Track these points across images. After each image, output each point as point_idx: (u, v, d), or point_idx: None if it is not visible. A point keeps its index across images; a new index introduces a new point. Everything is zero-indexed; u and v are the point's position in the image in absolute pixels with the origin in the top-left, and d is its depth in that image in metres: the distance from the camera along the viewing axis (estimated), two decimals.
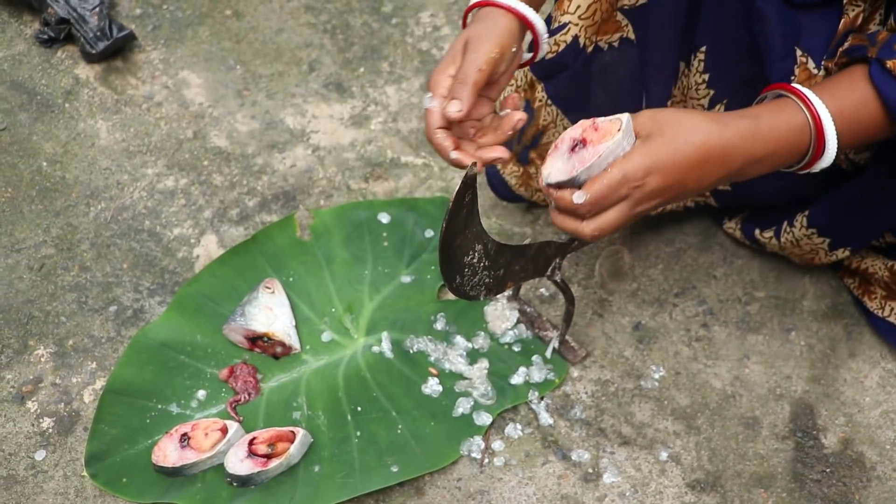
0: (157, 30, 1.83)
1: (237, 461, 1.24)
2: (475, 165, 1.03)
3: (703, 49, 1.23)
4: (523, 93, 1.36)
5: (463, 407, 1.32)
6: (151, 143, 1.66)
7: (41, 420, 1.32)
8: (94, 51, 1.74)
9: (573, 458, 1.29)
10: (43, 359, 1.39)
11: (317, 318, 1.42)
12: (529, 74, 1.35)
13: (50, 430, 1.31)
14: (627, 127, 1.01)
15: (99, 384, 1.36)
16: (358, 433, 1.30)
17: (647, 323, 1.43)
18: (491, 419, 1.32)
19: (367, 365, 1.37)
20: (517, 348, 1.39)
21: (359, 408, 1.32)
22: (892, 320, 1.37)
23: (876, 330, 1.40)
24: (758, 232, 1.43)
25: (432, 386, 1.34)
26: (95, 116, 1.69)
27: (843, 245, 1.36)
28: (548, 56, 1.27)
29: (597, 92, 1.31)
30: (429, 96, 1.10)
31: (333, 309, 1.43)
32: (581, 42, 1.23)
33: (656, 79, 1.28)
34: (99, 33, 1.74)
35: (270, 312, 1.37)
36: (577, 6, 1.20)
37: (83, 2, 1.76)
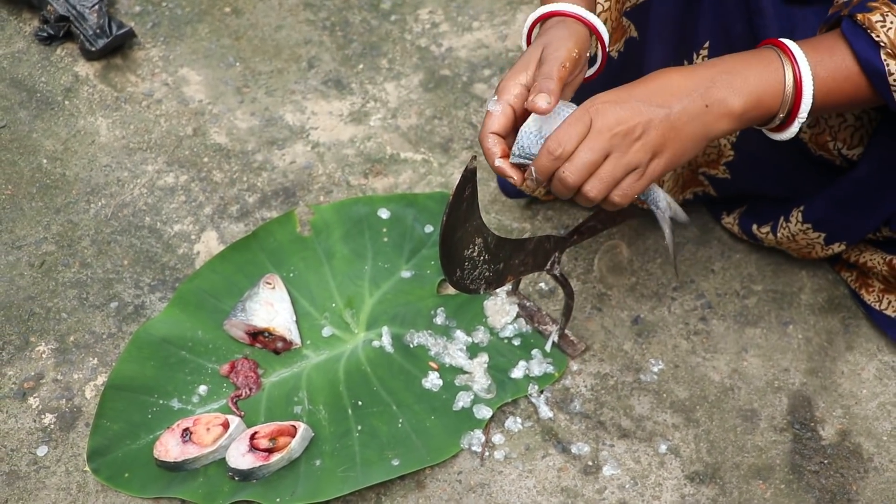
0: (157, 27, 1.84)
1: (239, 455, 1.25)
2: (475, 159, 1.03)
3: (707, 45, 1.23)
4: None
5: (463, 401, 1.33)
6: (151, 140, 1.66)
7: (43, 416, 1.33)
8: (94, 48, 1.74)
9: (573, 451, 1.30)
10: (44, 355, 1.39)
11: (317, 314, 1.43)
12: None
13: (52, 426, 1.32)
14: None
15: (100, 380, 1.36)
16: (359, 427, 1.30)
17: (646, 317, 1.43)
18: (491, 413, 1.32)
19: (368, 359, 1.37)
20: (517, 342, 1.40)
21: (359, 402, 1.33)
22: (890, 313, 1.38)
23: (874, 323, 1.41)
24: (755, 227, 1.44)
25: (432, 380, 1.35)
26: (95, 114, 1.70)
27: (839, 240, 1.36)
28: None
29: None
30: (493, 99, 1.07)
31: (334, 304, 1.43)
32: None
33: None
34: (98, 31, 1.74)
35: (271, 308, 1.38)
36: None
37: None
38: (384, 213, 1.53)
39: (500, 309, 1.41)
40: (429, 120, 1.70)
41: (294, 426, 1.27)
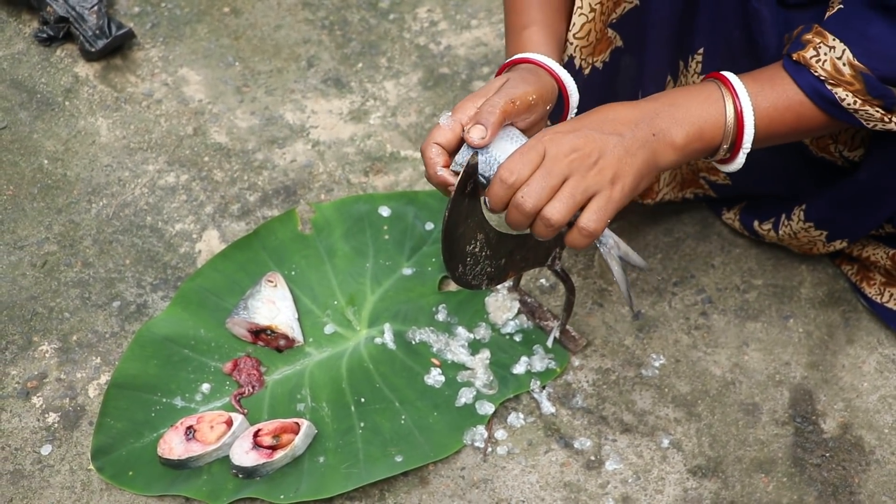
0: (156, 27, 1.84)
1: (242, 453, 1.25)
2: (476, 154, 1.04)
3: (701, 51, 1.24)
4: None
5: (465, 397, 1.33)
6: (152, 140, 1.67)
7: (46, 415, 1.33)
8: (94, 49, 1.74)
9: (575, 446, 1.31)
10: (47, 355, 1.39)
11: (319, 311, 1.43)
12: None
13: (55, 425, 1.32)
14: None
15: (103, 379, 1.37)
16: (362, 424, 1.31)
17: (647, 312, 1.44)
18: (493, 409, 1.33)
19: (370, 356, 1.38)
20: (518, 338, 1.40)
21: (362, 399, 1.33)
22: (892, 306, 1.39)
23: (876, 316, 1.42)
24: (756, 223, 1.45)
25: (435, 376, 1.35)
26: (96, 114, 1.70)
27: (841, 237, 1.37)
28: None
29: (591, 107, 1.32)
30: (447, 115, 1.08)
31: (336, 301, 1.44)
32: (577, 63, 1.24)
33: (651, 80, 1.29)
34: (98, 31, 1.75)
35: (273, 306, 1.38)
36: (573, 23, 1.21)
37: (82, 0, 1.76)
38: (385, 211, 1.54)
39: (502, 305, 1.41)
40: (428, 118, 1.70)
41: (297, 423, 1.28)
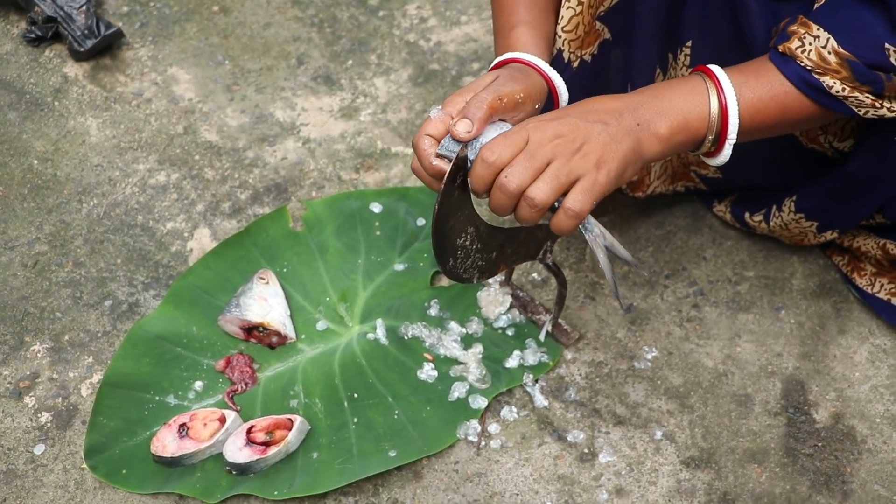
0: (145, 27, 1.84)
1: (236, 450, 1.25)
2: (465, 147, 1.04)
3: (689, 44, 1.24)
4: None
5: (458, 391, 1.33)
6: (142, 139, 1.66)
7: (39, 415, 1.33)
8: (82, 49, 1.74)
9: (569, 439, 1.31)
10: (39, 354, 1.39)
11: (311, 308, 1.43)
12: None
13: (48, 425, 1.32)
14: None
15: (96, 378, 1.37)
16: (355, 419, 1.31)
17: (639, 305, 1.44)
18: (486, 403, 1.33)
19: (363, 352, 1.38)
20: (511, 332, 1.40)
21: (355, 394, 1.33)
22: (883, 296, 1.39)
23: (867, 306, 1.42)
24: (747, 215, 1.45)
25: (427, 371, 1.35)
26: (85, 114, 1.70)
27: (832, 228, 1.37)
28: None
29: (581, 100, 1.33)
30: (438, 108, 1.08)
31: (328, 298, 1.44)
32: (565, 56, 1.24)
33: (640, 72, 1.29)
34: (86, 31, 1.75)
35: (265, 303, 1.38)
36: (561, 17, 1.21)
37: (70, 0, 1.76)
38: (376, 207, 1.54)
39: (494, 299, 1.41)
40: (419, 114, 1.70)
41: (290, 419, 1.28)
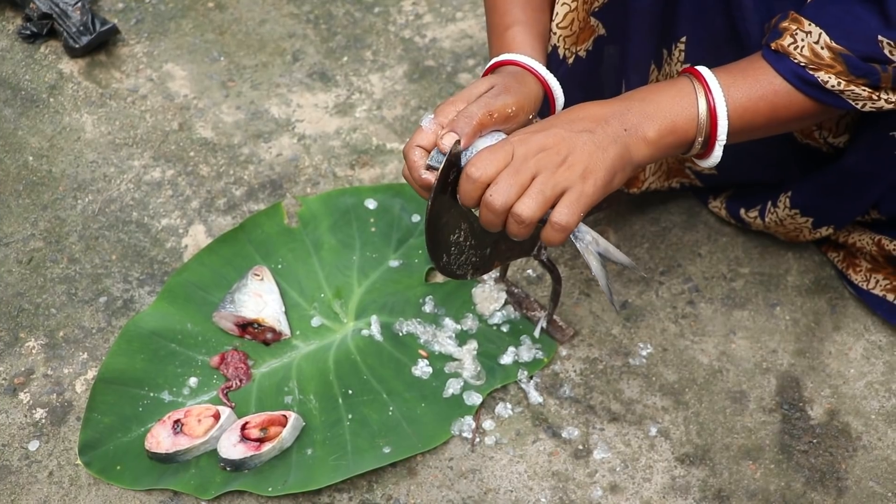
0: (140, 23, 1.84)
1: (230, 446, 1.25)
2: (459, 143, 1.04)
3: (683, 39, 1.24)
4: None
5: (453, 388, 1.33)
6: (137, 136, 1.66)
7: (34, 411, 1.33)
8: (78, 45, 1.74)
9: (563, 436, 1.31)
10: (34, 350, 1.39)
11: (306, 304, 1.43)
12: None
13: (43, 421, 1.32)
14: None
15: (90, 374, 1.36)
16: (349, 416, 1.31)
17: (634, 301, 1.44)
18: (481, 399, 1.33)
19: (358, 348, 1.38)
20: (505, 329, 1.40)
21: (350, 391, 1.33)
22: (878, 292, 1.39)
23: (862, 303, 1.42)
24: (743, 211, 1.45)
25: (422, 368, 1.35)
26: (80, 110, 1.70)
27: (827, 224, 1.37)
28: None
29: (580, 97, 1.32)
30: (429, 117, 1.08)
31: (322, 294, 1.44)
32: (561, 52, 1.24)
33: (635, 68, 1.29)
34: (82, 28, 1.74)
35: (260, 299, 1.38)
36: (556, 13, 1.21)
37: None
38: (371, 204, 1.53)
39: (489, 296, 1.41)
40: (414, 110, 1.70)
41: (285, 416, 1.28)
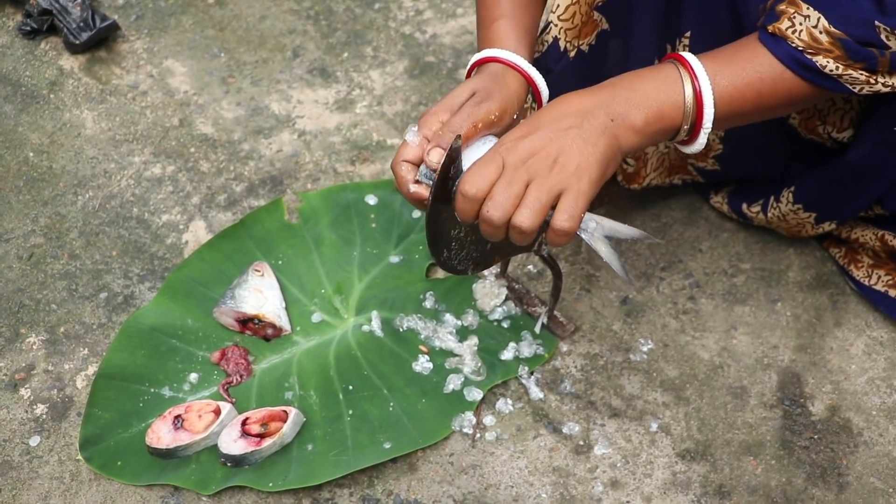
0: (140, 19, 1.84)
1: (230, 441, 1.25)
2: (459, 138, 1.03)
3: (688, 34, 1.24)
4: None
5: (454, 383, 1.33)
6: (137, 132, 1.66)
7: (34, 406, 1.33)
8: (78, 41, 1.74)
9: (564, 431, 1.31)
10: (35, 346, 1.39)
11: (307, 300, 1.43)
12: None
13: (44, 416, 1.32)
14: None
15: (91, 370, 1.36)
16: (350, 411, 1.31)
17: (635, 297, 1.44)
18: (481, 395, 1.33)
19: (358, 344, 1.37)
20: (506, 324, 1.40)
21: (350, 386, 1.33)
22: (880, 288, 1.39)
23: (864, 298, 1.42)
24: (745, 206, 1.45)
25: (423, 363, 1.35)
26: (81, 106, 1.69)
27: (830, 219, 1.37)
28: (534, 56, 1.28)
29: (577, 90, 1.32)
30: (413, 130, 1.09)
31: (323, 290, 1.44)
32: (562, 45, 1.24)
33: (638, 63, 1.28)
34: (82, 24, 1.74)
35: (260, 295, 1.38)
36: (557, 5, 1.21)
37: None
38: (372, 200, 1.53)
39: (489, 292, 1.41)
40: (414, 106, 1.70)
41: (285, 411, 1.28)
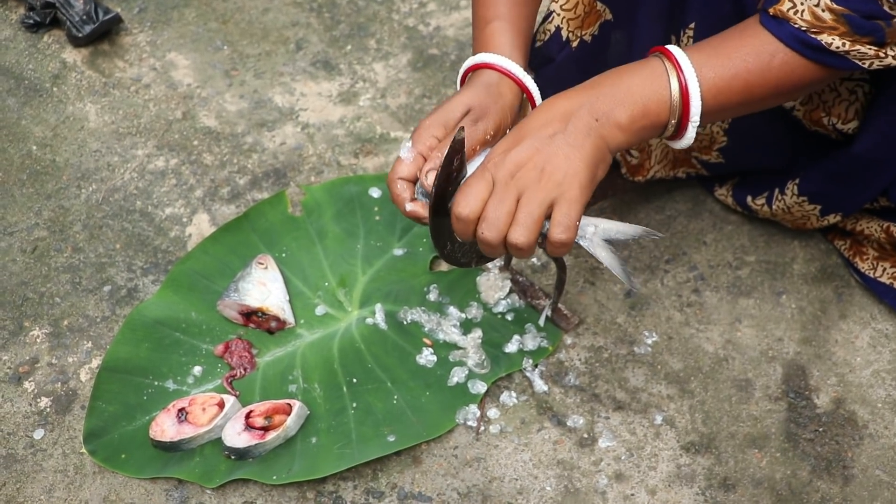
0: (143, 12, 1.83)
1: (234, 434, 1.25)
2: (462, 130, 1.03)
3: (692, 26, 1.23)
4: None
5: (458, 376, 1.33)
6: (141, 125, 1.66)
7: (38, 399, 1.33)
8: (81, 34, 1.74)
9: (568, 424, 1.30)
10: (38, 339, 1.39)
11: (310, 293, 1.42)
12: None
13: (48, 410, 1.32)
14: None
15: (95, 363, 1.36)
16: (354, 404, 1.30)
17: (639, 289, 1.43)
18: (486, 387, 1.32)
19: (362, 337, 1.37)
20: (510, 317, 1.40)
21: (354, 379, 1.33)
22: (885, 280, 1.39)
23: (869, 291, 1.41)
24: (749, 198, 1.44)
25: (427, 356, 1.35)
26: (84, 99, 1.69)
27: (835, 211, 1.37)
28: (536, 45, 1.28)
29: (579, 80, 1.32)
30: (408, 146, 1.09)
31: (327, 283, 1.43)
32: (564, 35, 1.23)
33: (642, 54, 1.28)
34: (85, 17, 1.74)
35: (264, 288, 1.38)
36: None
37: None
38: (375, 192, 1.53)
39: (493, 284, 1.41)
40: (418, 99, 1.70)
41: (289, 404, 1.27)
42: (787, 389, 1.34)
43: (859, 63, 1.06)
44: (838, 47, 1.04)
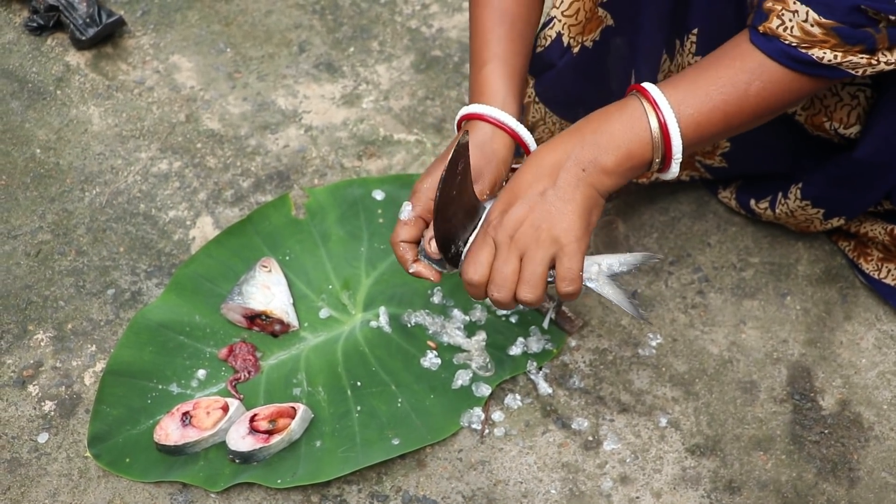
0: (147, 15, 1.83)
1: (239, 438, 1.25)
2: (467, 133, 1.03)
3: (695, 31, 1.23)
4: None
5: (462, 379, 1.33)
6: (144, 128, 1.66)
7: (43, 403, 1.33)
8: (84, 37, 1.73)
9: (573, 427, 1.30)
10: (43, 343, 1.39)
11: (314, 296, 1.42)
12: None
13: (52, 413, 1.32)
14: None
15: (99, 366, 1.36)
16: (358, 407, 1.30)
17: (644, 291, 1.43)
18: (490, 390, 1.32)
19: (366, 340, 1.37)
20: (514, 320, 1.40)
21: (358, 382, 1.33)
22: (890, 282, 1.38)
23: (874, 292, 1.41)
24: (753, 202, 1.44)
25: (431, 359, 1.35)
26: (87, 102, 1.69)
27: (838, 215, 1.36)
28: (537, 50, 1.27)
29: (585, 87, 1.32)
30: (408, 209, 1.12)
31: (330, 286, 1.43)
32: (565, 41, 1.23)
33: (645, 59, 1.28)
34: (88, 20, 1.74)
35: (268, 291, 1.38)
36: (562, 1, 1.20)
37: None
38: (379, 195, 1.53)
39: None
40: (421, 101, 1.69)
41: (293, 408, 1.27)
42: (793, 391, 1.33)
43: (852, 72, 1.06)
44: (830, 60, 1.04)
